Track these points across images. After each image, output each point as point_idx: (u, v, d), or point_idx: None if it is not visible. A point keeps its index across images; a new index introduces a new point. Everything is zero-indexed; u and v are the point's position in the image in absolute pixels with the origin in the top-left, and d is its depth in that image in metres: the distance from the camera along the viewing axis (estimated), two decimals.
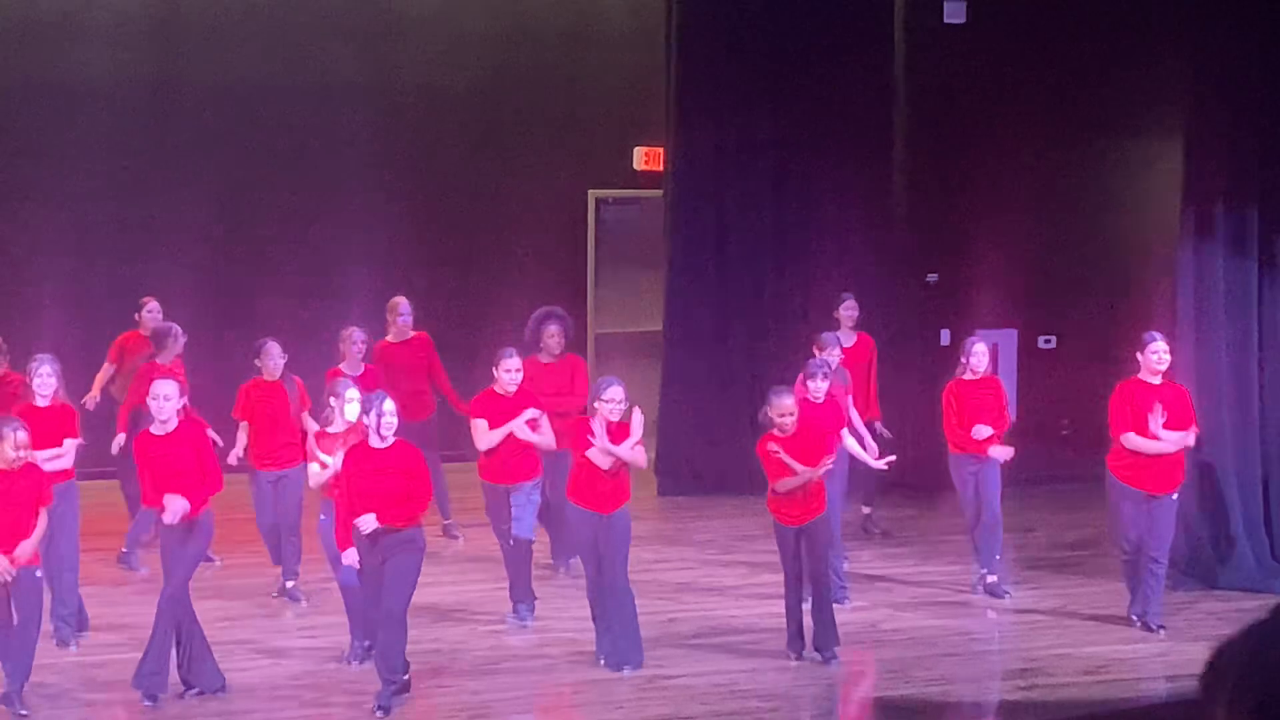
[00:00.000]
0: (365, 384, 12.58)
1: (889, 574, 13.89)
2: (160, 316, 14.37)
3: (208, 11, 17.74)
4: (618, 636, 11.14)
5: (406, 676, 10.40)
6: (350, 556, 10.39)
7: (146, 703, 10.35)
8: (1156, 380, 12.12)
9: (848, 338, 14.64)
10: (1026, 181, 17.47)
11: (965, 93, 17.33)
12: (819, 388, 12.36)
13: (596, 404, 11.15)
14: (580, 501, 11.17)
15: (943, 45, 17.29)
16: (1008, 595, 13.18)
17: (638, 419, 11.26)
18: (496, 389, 12.29)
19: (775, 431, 11.33)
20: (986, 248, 17.44)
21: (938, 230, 17.46)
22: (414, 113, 18.28)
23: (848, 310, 14.86)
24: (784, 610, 11.52)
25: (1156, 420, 11.93)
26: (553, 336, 13.52)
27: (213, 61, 17.65)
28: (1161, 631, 12.15)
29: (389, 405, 10.33)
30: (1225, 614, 12.46)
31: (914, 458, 15.88)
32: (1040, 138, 17.44)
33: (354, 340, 13.97)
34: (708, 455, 17.03)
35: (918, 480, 16.28)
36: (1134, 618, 12.29)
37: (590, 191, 19.02)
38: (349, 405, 11.14)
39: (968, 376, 13.09)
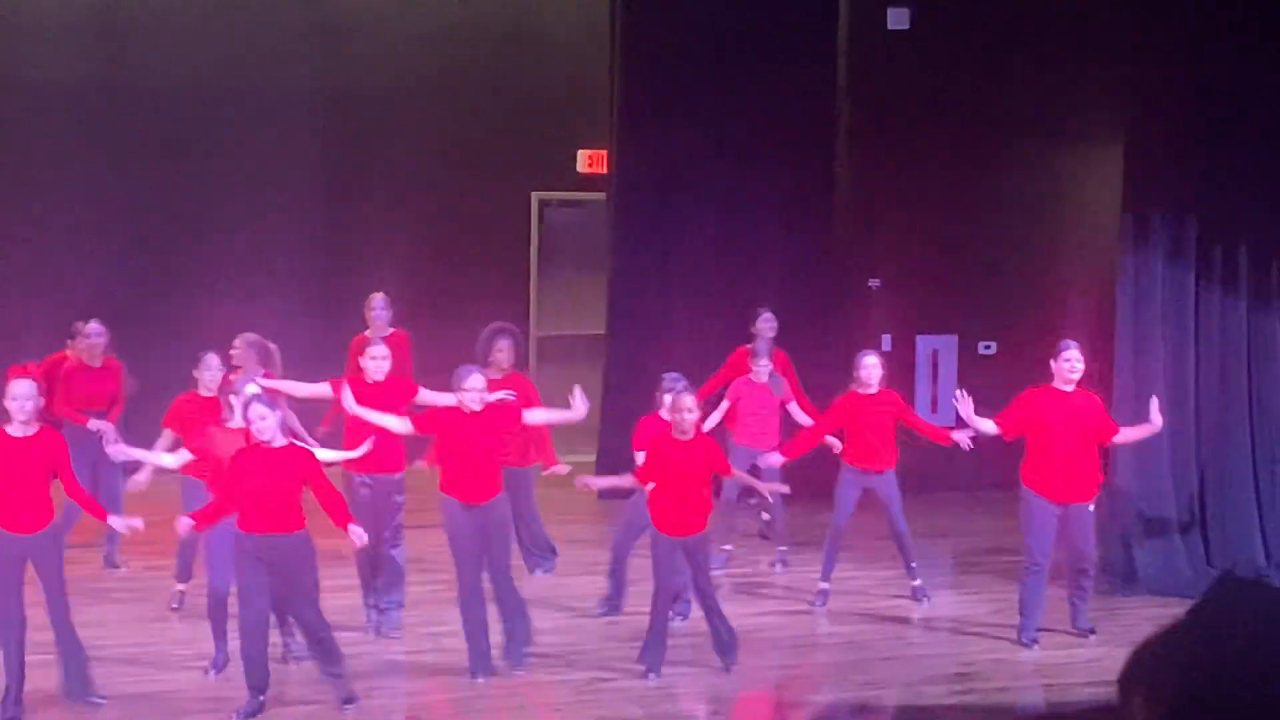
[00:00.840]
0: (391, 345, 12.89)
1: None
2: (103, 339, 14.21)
3: (154, 11, 17.65)
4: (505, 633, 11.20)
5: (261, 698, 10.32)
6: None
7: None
8: (1069, 388, 12.02)
9: (770, 349, 14.74)
10: (968, 188, 17.55)
11: (908, 99, 17.40)
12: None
13: (458, 394, 11.04)
14: (455, 494, 11.00)
15: (886, 51, 17.35)
16: (927, 600, 13.27)
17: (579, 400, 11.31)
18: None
19: (674, 432, 11.16)
20: (928, 253, 17.53)
21: (880, 235, 17.52)
22: (357, 114, 18.23)
23: (765, 323, 14.87)
24: (650, 625, 11.27)
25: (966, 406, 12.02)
26: (502, 351, 13.47)
27: (159, 61, 17.56)
28: (1092, 637, 12.20)
29: (258, 410, 10.15)
30: (1160, 619, 12.35)
31: None
32: (982, 144, 17.52)
33: (374, 306, 14.31)
34: None
35: None
36: (1081, 631, 12.33)
37: (534, 194, 19.00)
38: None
39: (861, 390, 13.05)
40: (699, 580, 11.28)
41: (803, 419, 13.81)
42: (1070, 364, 12.02)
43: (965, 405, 12.04)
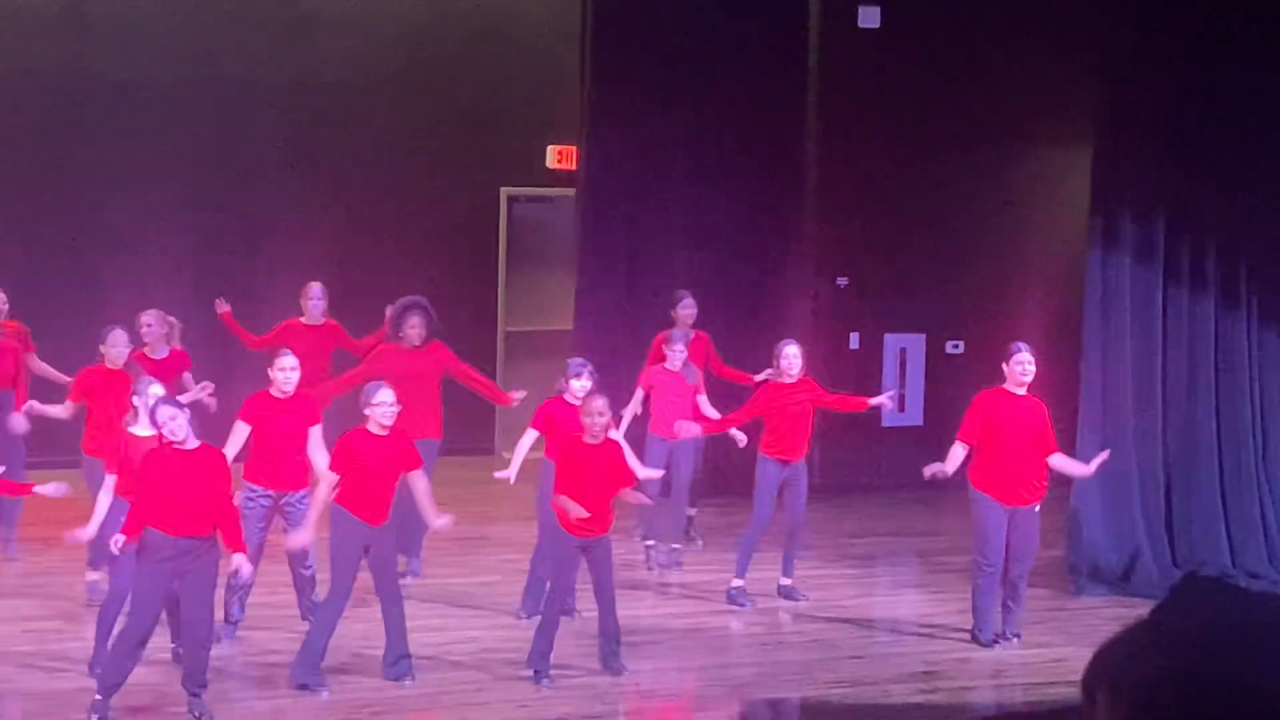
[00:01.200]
0: (321, 338, 13.28)
1: (795, 577, 13.88)
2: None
3: (118, 3, 17.58)
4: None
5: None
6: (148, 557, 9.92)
7: None
8: (1020, 391, 11.92)
9: (686, 336, 14.76)
10: (937, 187, 17.57)
11: (878, 97, 17.40)
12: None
13: (367, 410, 10.65)
14: (353, 510, 10.64)
15: (856, 49, 17.35)
16: (803, 598, 13.22)
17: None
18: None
19: (585, 435, 10.98)
20: (897, 252, 17.55)
21: (849, 234, 17.52)
22: (327, 108, 18.18)
23: (685, 309, 14.86)
24: (541, 625, 11.06)
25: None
26: (414, 327, 13.43)
27: (123, 54, 17.48)
28: (1016, 640, 12.13)
29: (166, 411, 9.90)
30: (1125, 619, 12.41)
31: (819, 460, 15.93)
32: (951, 143, 17.54)
33: (311, 295, 14.29)
34: None
35: (822, 483, 16.32)
36: (1008, 634, 12.18)
37: (503, 189, 18.98)
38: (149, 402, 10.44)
39: (783, 380, 13.02)
40: (604, 582, 11.04)
41: (710, 412, 13.73)
42: (1022, 367, 11.91)
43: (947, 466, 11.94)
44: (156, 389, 10.61)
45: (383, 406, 10.61)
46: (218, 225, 17.69)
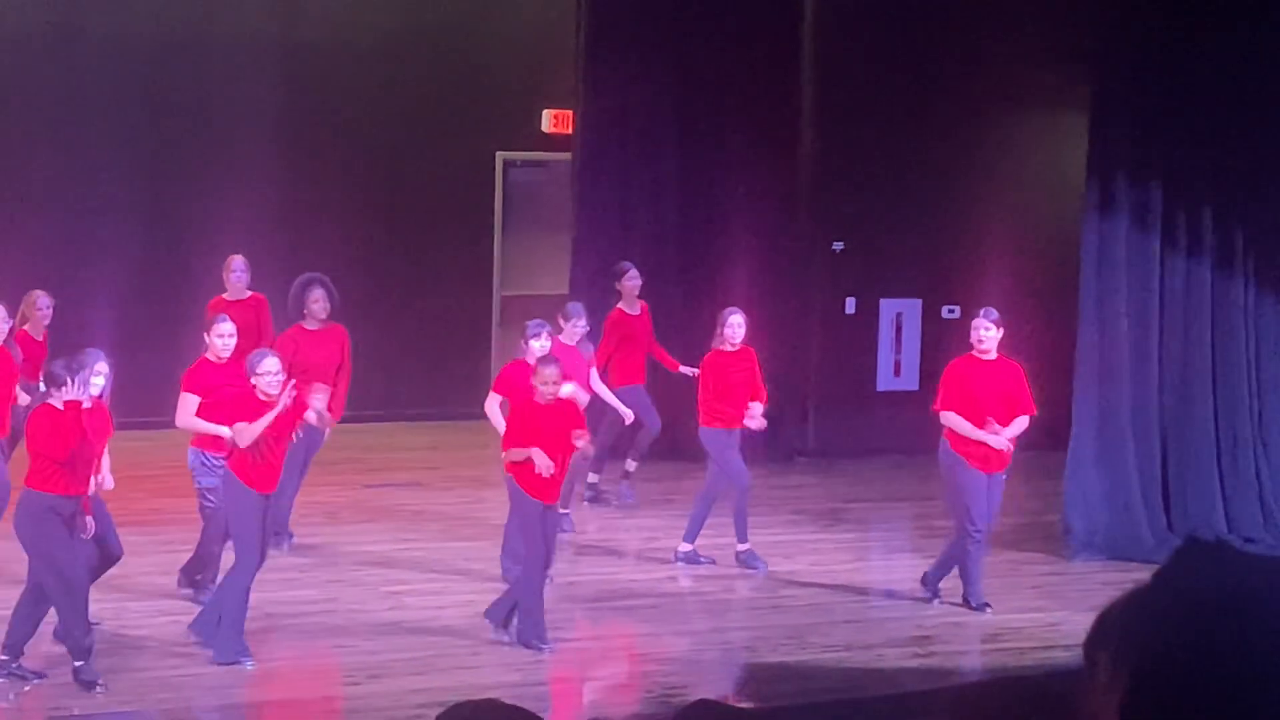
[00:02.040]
0: (246, 312, 13.01)
1: (788, 540, 13.91)
2: None
3: None
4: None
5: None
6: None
7: None
8: (988, 358, 11.88)
9: (632, 306, 14.73)
10: (933, 152, 17.51)
11: (873, 62, 17.34)
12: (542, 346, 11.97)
13: (253, 378, 10.55)
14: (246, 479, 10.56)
15: (853, 12, 17.27)
16: (705, 562, 13.07)
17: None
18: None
19: (536, 397, 10.96)
20: (893, 217, 17.50)
21: (845, 198, 17.48)
22: (320, 71, 18.10)
23: (630, 281, 14.83)
24: (520, 593, 10.96)
25: (992, 428, 11.69)
26: (317, 302, 13.18)
27: (114, 13, 17.39)
28: (988, 610, 12.10)
29: (102, 366, 10.21)
30: (1121, 584, 12.30)
31: (813, 425, 15.95)
32: (947, 108, 17.48)
33: (232, 268, 13.83)
34: None
35: (817, 448, 16.35)
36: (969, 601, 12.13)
37: (498, 153, 18.93)
38: (95, 379, 10.31)
39: (726, 348, 12.93)
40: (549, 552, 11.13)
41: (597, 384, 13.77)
42: (976, 333, 11.90)
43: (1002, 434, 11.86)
44: (103, 365, 10.45)
45: (267, 376, 10.50)
46: (206, 190, 17.60)
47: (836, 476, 16.21)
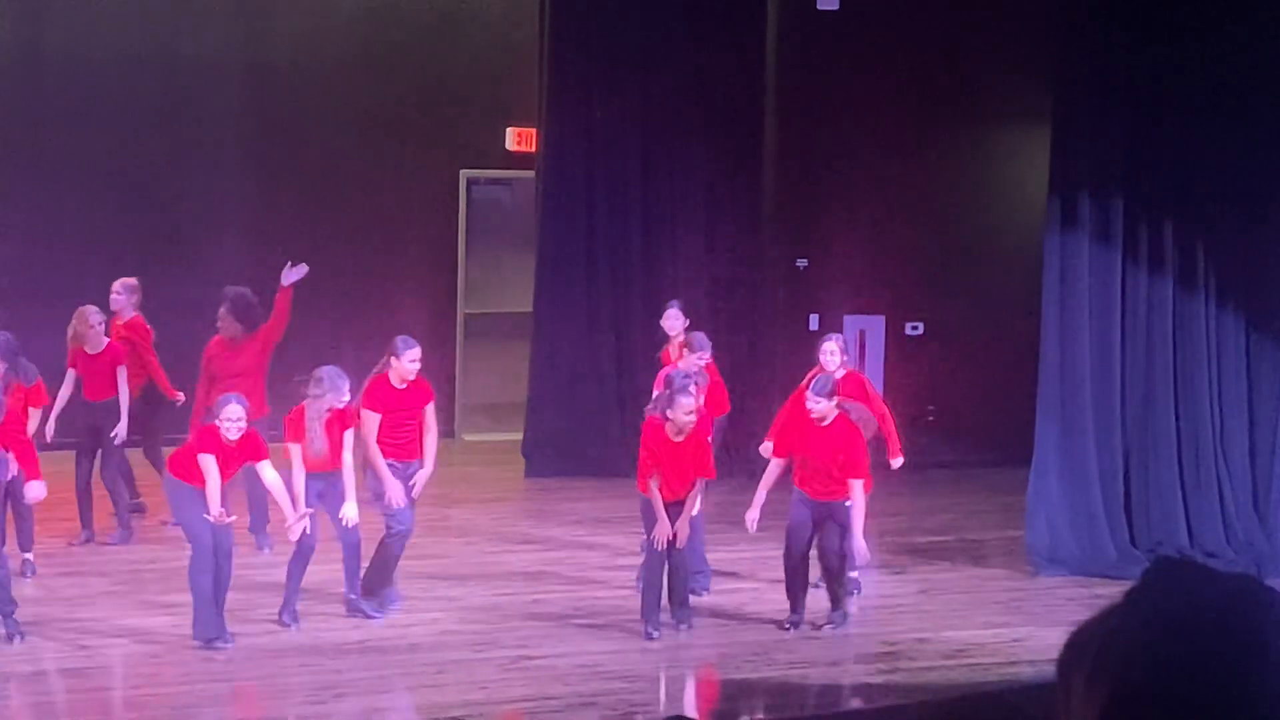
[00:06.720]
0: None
1: (751, 557, 13.89)
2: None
3: None
4: None
5: None
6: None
7: None
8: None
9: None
10: (896, 168, 17.59)
11: (836, 79, 17.41)
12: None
13: (216, 422, 10.98)
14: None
15: (815, 32, 17.35)
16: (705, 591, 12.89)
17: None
18: (391, 379, 11.97)
19: (668, 431, 11.35)
20: (856, 234, 17.56)
21: (807, 215, 17.54)
22: (284, 88, 18.09)
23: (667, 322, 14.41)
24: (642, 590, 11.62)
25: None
26: (222, 319, 13.60)
27: (77, 30, 17.35)
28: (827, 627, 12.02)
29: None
30: (1084, 600, 12.60)
31: None
32: (910, 125, 17.56)
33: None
34: (576, 437, 17.02)
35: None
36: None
37: (462, 171, 18.93)
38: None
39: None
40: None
41: None
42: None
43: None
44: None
45: (228, 421, 10.91)
46: (170, 209, 17.57)
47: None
